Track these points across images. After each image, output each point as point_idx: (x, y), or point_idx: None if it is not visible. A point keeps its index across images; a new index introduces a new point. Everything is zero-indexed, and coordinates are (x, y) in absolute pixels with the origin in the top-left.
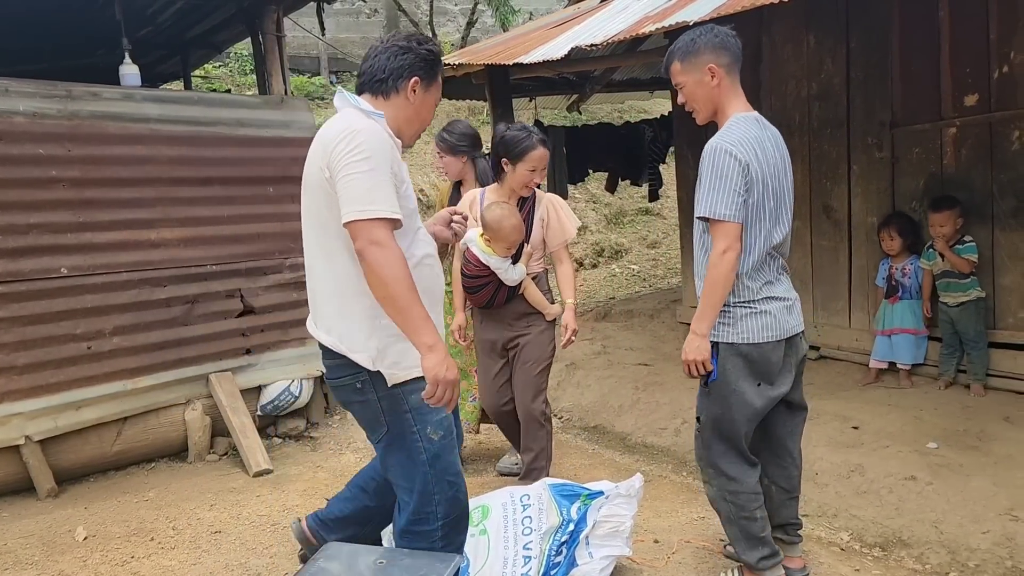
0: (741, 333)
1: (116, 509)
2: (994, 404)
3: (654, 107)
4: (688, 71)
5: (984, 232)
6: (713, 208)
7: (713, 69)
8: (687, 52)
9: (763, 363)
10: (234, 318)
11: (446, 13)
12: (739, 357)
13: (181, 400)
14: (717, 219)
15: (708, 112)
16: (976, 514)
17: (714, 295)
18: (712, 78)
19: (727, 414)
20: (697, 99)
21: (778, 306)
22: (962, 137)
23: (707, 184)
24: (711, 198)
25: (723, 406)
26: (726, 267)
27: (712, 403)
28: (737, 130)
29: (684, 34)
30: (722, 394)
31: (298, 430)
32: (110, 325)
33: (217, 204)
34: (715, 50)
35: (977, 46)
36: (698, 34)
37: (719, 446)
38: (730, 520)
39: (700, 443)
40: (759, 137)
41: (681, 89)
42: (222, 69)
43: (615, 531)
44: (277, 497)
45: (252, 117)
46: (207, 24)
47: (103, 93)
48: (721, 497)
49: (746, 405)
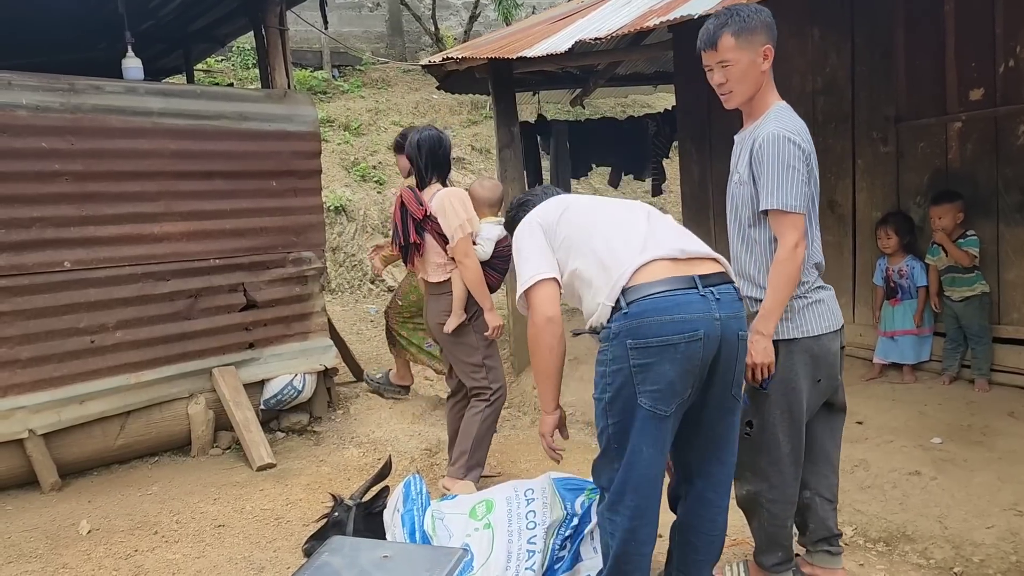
0: (801, 327)
1: (120, 503)
2: (998, 399)
3: (657, 101)
4: (743, 48)
5: (989, 227)
6: (783, 199)
7: (768, 52)
8: (743, 28)
9: (824, 356)
10: (237, 312)
11: (449, 7)
12: (802, 353)
13: (184, 394)
14: (788, 211)
15: (746, 96)
16: (980, 509)
17: (785, 292)
18: (764, 60)
19: (786, 417)
20: (744, 81)
21: (828, 294)
22: (967, 132)
23: (774, 175)
24: (780, 189)
25: (782, 408)
26: (799, 261)
27: (770, 406)
28: (791, 118)
29: (728, 7)
30: (782, 395)
31: (301, 424)
32: (113, 319)
33: (220, 198)
34: (768, 30)
35: (983, 40)
36: (752, 10)
37: (774, 452)
38: (760, 524)
39: (749, 449)
40: (804, 126)
41: (726, 67)
42: (224, 63)
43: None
44: (280, 491)
45: (255, 111)
46: (210, 18)
47: (106, 87)
48: (756, 502)
49: (804, 405)
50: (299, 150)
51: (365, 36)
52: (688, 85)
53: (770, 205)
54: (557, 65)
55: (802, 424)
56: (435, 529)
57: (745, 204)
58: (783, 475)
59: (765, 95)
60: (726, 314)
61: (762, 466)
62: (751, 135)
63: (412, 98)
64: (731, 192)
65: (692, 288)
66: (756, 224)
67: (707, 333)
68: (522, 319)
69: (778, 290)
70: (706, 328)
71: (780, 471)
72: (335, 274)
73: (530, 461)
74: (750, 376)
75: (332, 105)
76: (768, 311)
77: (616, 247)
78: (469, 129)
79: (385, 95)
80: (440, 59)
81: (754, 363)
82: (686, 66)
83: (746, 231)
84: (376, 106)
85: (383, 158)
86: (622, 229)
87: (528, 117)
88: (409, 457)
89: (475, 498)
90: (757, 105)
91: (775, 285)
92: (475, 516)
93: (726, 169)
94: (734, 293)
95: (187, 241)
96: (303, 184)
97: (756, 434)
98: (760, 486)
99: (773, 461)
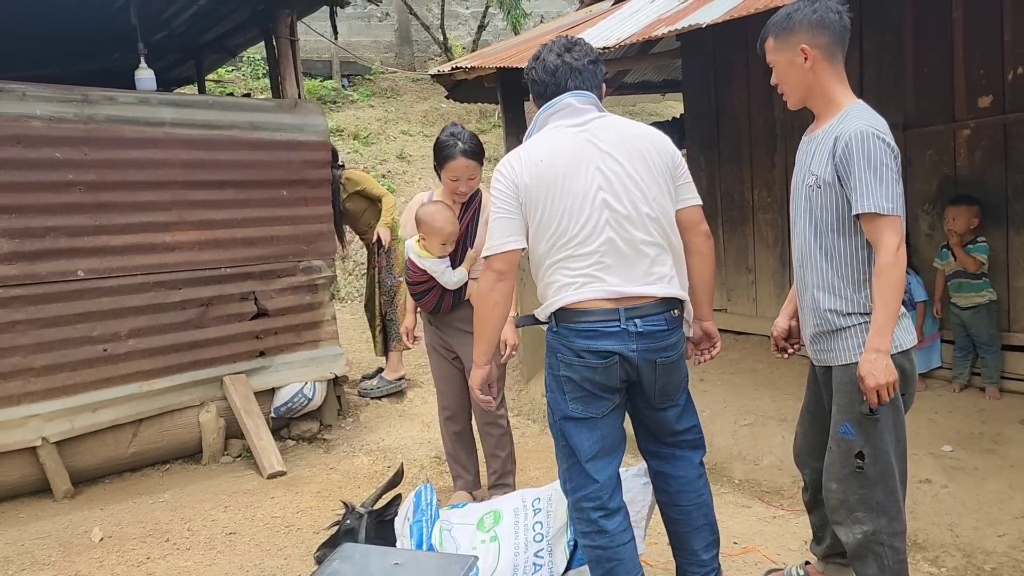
0: (894, 342)
1: (132, 510)
2: (1009, 407)
3: (666, 110)
4: (780, 49)
5: (999, 234)
6: (879, 202)
7: (806, 50)
8: (781, 28)
9: (912, 372)
10: (248, 321)
11: (457, 17)
12: (896, 369)
13: (195, 402)
14: (885, 214)
15: (800, 97)
16: (992, 517)
17: (896, 301)
18: (805, 60)
19: (894, 440)
20: (788, 81)
21: (902, 307)
22: (976, 139)
23: (866, 175)
24: (875, 191)
25: (890, 431)
26: (903, 266)
27: (882, 432)
28: (874, 116)
29: (783, 7)
30: (890, 417)
31: (311, 432)
32: (126, 328)
33: (231, 207)
34: (812, 28)
35: (991, 47)
36: (796, 8)
37: (890, 481)
38: (881, 566)
39: (862, 484)
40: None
41: (774, 68)
42: (235, 73)
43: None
44: (291, 499)
45: (266, 120)
46: (221, 28)
47: (119, 97)
48: (877, 542)
49: (904, 424)
50: (309, 159)
51: (374, 46)
52: (696, 93)
53: (865, 208)
54: None
55: (905, 442)
56: (442, 541)
57: (827, 208)
58: (899, 503)
59: (832, 94)
60: (643, 346)
61: (879, 500)
62: (828, 134)
63: (421, 107)
64: (804, 195)
65: (615, 320)
66: (842, 230)
67: (624, 357)
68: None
69: (888, 300)
70: (623, 354)
71: (896, 500)
72: (344, 283)
73: (539, 469)
74: (875, 400)
75: (341, 114)
76: (882, 325)
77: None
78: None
79: (394, 104)
80: (449, 68)
81: (878, 384)
82: (694, 74)
83: (828, 238)
84: (385, 115)
85: (392, 167)
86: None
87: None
88: (419, 465)
89: (483, 508)
90: (825, 105)
91: (884, 295)
92: (482, 527)
93: (735, 177)
94: (662, 322)
95: (199, 250)
96: (313, 193)
97: (869, 465)
98: (879, 523)
99: (889, 491)
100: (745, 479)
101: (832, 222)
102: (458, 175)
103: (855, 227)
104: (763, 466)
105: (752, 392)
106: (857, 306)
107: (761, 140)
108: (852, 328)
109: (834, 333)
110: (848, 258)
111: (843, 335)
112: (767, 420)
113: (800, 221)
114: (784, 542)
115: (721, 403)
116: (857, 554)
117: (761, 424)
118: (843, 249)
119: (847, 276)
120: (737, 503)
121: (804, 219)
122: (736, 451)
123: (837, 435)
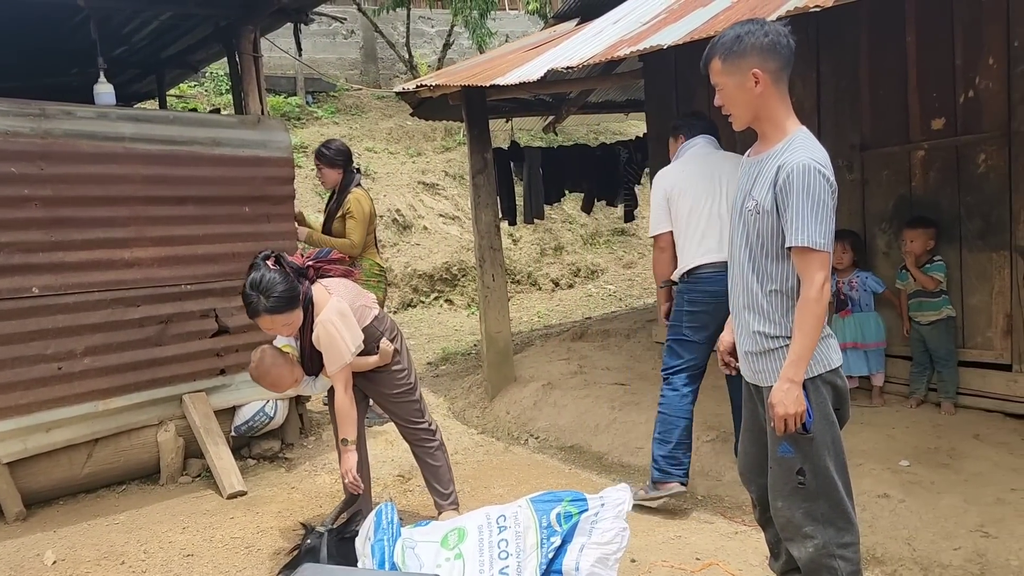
0: (824, 361)
1: (86, 532)
2: (964, 422)
3: (629, 128)
4: (729, 72)
5: (952, 253)
6: (813, 236)
7: (757, 74)
8: (730, 50)
9: (843, 387)
10: (208, 338)
11: (423, 35)
12: (827, 386)
13: (154, 421)
14: (816, 249)
15: (746, 119)
16: (948, 531)
17: (815, 334)
18: (756, 84)
19: (833, 453)
20: (736, 104)
21: (826, 327)
22: (930, 160)
23: (802, 209)
24: (809, 226)
25: (828, 445)
26: (826, 301)
27: (818, 447)
28: (817, 148)
29: (730, 27)
30: (826, 432)
31: (272, 451)
32: (82, 345)
33: (192, 223)
34: (763, 52)
35: (943, 71)
36: (746, 31)
37: (833, 493)
38: None
39: (805, 499)
40: (827, 156)
41: (719, 90)
42: (198, 88)
43: (605, 559)
44: (251, 519)
45: (228, 136)
46: (183, 44)
47: (77, 112)
48: (828, 554)
49: (841, 438)
50: (272, 176)
51: (339, 63)
52: (658, 113)
53: (799, 242)
54: (530, 92)
55: (846, 457)
56: (405, 559)
57: (763, 234)
58: (847, 514)
59: (779, 119)
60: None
61: (824, 512)
62: (773, 160)
63: (386, 124)
64: (743, 218)
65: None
66: (777, 256)
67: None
68: (495, 344)
69: (807, 333)
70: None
71: (843, 512)
72: None
73: (504, 486)
74: (782, 428)
75: (306, 131)
76: (799, 356)
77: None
78: (443, 155)
79: (359, 121)
80: (414, 86)
81: (787, 413)
82: (656, 95)
83: (761, 262)
84: (350, 132)
85: None
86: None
87: (501, 143)
88: (382, 484)
89: (448, 526)
90: (772, 129)
91: (805, 328)
92: (446, 545)
93: None
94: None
95: (158, 267)
96: (276, 210)
97: (810, 480)
98: (827, 534)
99: (834, 503)
100: (708, 495)
101: (767, 248)
102: (271, 328)
103: (789, 255)
104: (725, 482)
105: (714, 408)
106: (785, 330)
107: None
108: (781, 350)
109: (764, 354)
110: (779, 283)
111: (773, 356)
112: (728, 436)
113: (737, 241)
114: (746, 557)
115: None
116: (810, 569)
117: (723, 440)
118: (775, 274)
119: (776, 301)
120: (700, 519)
121: (741, 240)
122: (699, 467)
123: (776, 454)
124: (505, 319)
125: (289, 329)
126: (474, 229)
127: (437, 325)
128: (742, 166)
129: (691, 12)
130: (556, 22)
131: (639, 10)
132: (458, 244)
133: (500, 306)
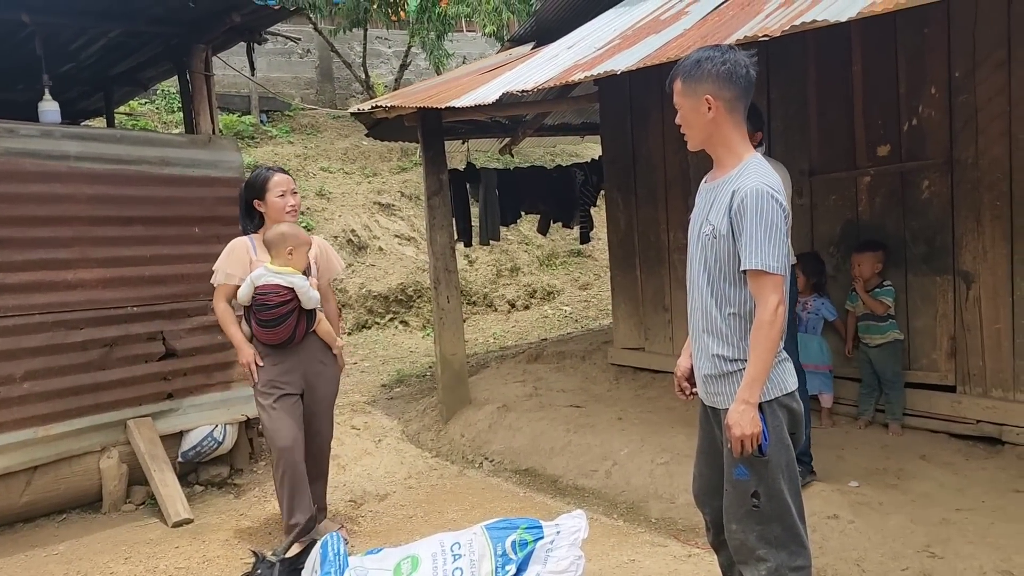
0: (779, 385)
1: (23, 564)
2: (911, 443)
3: (585, 151)
4: (686, 94)
5: (898, 276)
6: (766, 260)
7: (710, 100)
8: (689, 74)
9: (799, 411)
10: (155, 361)
11: (380, 55)
12: (782, 410)
13: (96, 448)
14: (770, 272)
15: (699, 141)
16: (896, 551)
17: (769, 357)
18: (708, 110)
19: (787, 476)
20: (691, 125)
21: (782, 352)
22: (876, 185)
23: (757, 233)
24: (763, 250)
25: (782, 470)
26: (781, 324)
27: (772, 470)
28: (770, 173)
29: (695, 51)
30: (781, 455)
31: (221, 477)
32: (21, 370)
33: (139, 244)
34: (718, 80)
35: (888, 100)
36: (706, 57)
37: (787, 517)
38: None
39: (759, 522)
40: (780, 181)
41: (678, 110)
42: (148, 106)
43: None
44: (197, 548)
45: (178, 156)
46: (132, 61)
47: (19, 130)
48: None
49: (795, 462)
50: (223, 196)
51: (295, 82)
52: (614, 136)
53: (752, 265)
54: (486, 115)
55: (799, 480)
56: None
57: (720, 258)
58: (800, 537)
59: (732, 144)
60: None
61: (777, 535)
62: (728, 185)
63: (341, 144)
64: (701, 243)
65: None
66: (734, 280)
67: None
68: (450, 366)
69: (762, 355)
70: None
71: (796, 535)
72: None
73: (457, 511)
74: (738, 449)
75: (260, 150)
76: (754, 378)
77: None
78: (399, 176)
79: (314, 141)
80: (369, 107)
81: (743, 434)
82: (611, 118)
83: (719, 286)
84: (305, 152)
85: (311, 204)
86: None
87: (458, 165)
88: (333, 509)
89: (400, 553)
90: (725, 154)
91: (759, 351)
92: (399, 573)
93: (651, 218)
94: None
95: (103, 288)
96: (227, 231)
97: (765, 504)
98: (779, 557)
99: (788, 527)
100: (661, 517)
101: (725, 271)
102: (284, 187)
103: (745, 278)
104: (679, 504)
105: (669, 430)
106: (743, 352)
107: (676, 183)
108: (738, 373)
109: (722, 377)
110: (737, 307)
111: (731, 379)
112: (683, 458)
113: (695, 265)
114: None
115: (639, 442)
116: None
117: (677, 462)
118: (733, 298)
119: (733, 324)
120: (653, 542)
121: (699, 264)
122: (653, 489)
123: (732, 477)
124: (460, 341)
125: (297, 197)
126: (429, 250)
127: (392, 347)
128: (699, 192)
129: (644, 39)
130: (512, 45)
131: (593, 36)
132: (414, 265)
133: (455, 328)
